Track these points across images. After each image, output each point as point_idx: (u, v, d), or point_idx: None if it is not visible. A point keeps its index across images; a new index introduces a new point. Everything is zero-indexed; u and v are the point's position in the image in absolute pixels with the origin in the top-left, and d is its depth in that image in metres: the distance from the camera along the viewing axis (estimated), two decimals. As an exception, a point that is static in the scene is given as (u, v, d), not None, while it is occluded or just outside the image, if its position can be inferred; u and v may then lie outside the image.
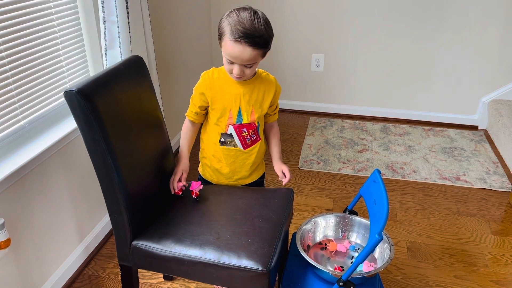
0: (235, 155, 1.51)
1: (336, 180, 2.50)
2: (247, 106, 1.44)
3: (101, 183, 1.26)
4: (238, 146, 1.49)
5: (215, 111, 1.46)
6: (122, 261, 1.36)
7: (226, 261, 1.23)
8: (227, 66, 1.36)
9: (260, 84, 1.45)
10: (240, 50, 1.28)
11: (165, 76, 2.50)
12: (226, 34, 1.29)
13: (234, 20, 1.28)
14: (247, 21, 1.27)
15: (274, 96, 1.49)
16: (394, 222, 2.15)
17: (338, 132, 3.07)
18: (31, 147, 1.52)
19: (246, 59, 1.30)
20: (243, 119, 1.45)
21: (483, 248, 1.98)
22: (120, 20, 1.64)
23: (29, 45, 1.50)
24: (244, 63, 1.32)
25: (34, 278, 1.58)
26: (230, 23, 1.28)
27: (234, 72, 1.35)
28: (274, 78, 1.50)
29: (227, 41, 1.29)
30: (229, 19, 1.29)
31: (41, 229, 1.59)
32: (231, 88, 1.43)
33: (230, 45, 1.29)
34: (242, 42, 1.27)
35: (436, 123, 3.19)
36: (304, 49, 3.20)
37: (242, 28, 1.26)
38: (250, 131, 1.47)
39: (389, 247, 1.34)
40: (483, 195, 2.37)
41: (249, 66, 1.34)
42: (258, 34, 1.28)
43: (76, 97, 1.13)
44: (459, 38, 2.92)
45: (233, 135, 1.47)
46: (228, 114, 1.44)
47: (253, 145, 1.51)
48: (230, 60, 1.32)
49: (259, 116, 1.47)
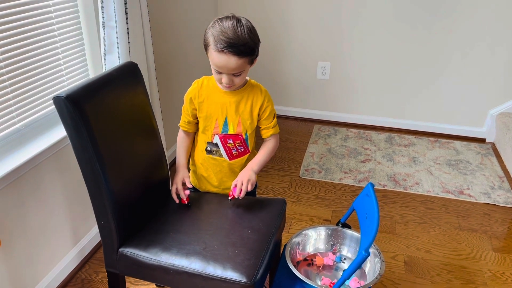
0: (221, 165, 1.50)
1: (337, 190, 2.47)
2: (233, 116, 1.43)
3: (89, 189, 1.26)
4: (223, 156, 1.48)
5: (201, 119, 1.46)
6: (109, 267, 1.35)
7: (211, 272, 1.22)
8: (216, 76, 1.36)
9: (248, 94, 1.44)
10: (225, 60, 1.28)
11: (166, 83, 2.50)
12: (211, 45, 1.29)
13: (217, 30, 1.28)
14: (230, 30, 1.27)
15: (261, 108, 1.45)
16: (393, 235, 2.11)
17: (342, 141, 3.04)
18: (26, 149, 1.53)
19: (232, 68, 1.30)
20: (229, 129, 1.44)
21: (482, 265, 1.93)
22: (118, 26, 1.65)
23: (27, 49, 1.51)
24: (231, 72, 1.31)
25: (26, 280, 1.59)
26: (213, 33, 1.28)
27: (224, 82, 1.34)
28: (266, 90, 1.48)
29: (212, 52, 1.29)
30: (212, 29, 1.29)
31: (34, 232, 1.59)
32: (219, 97, 1.43)
33: (215, 56, 1.28)
34: (226, 52, 1.26)
35: (442, 135, 3.14)
36: (310, 57, 3.18)
37: (225, 38, 1.26)
38: (237, 142, 1.46)
39: (380, 263, 1.32)
40: (486, 210, 2.32)
41: (237, 74, 1.33)
42: (241, 42, 1.27)
43: (65, 102, 1.14)
44: (468, 49, 2.88)
45: (218, 144, 1.46)
46: (214, 123, 1.44)
47: (240, 157, 1.49)
48: (218, 70, 1.32)
49: (246, 128, 1.45)
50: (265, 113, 1.47)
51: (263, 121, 1.49)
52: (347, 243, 1.44)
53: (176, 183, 1.48)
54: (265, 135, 1.52)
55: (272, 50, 3.21)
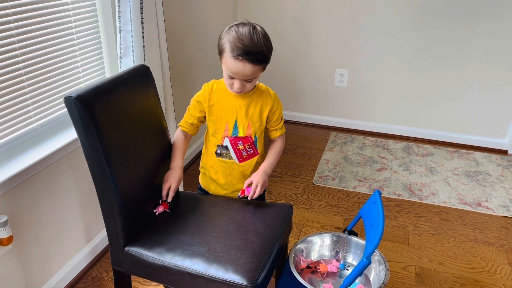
0: (230, 168, 1.51)
1: (350, 198, 2.45)
2: (243, 119, 1.45)
3: (97, 188, 1.28)
4: (233, 159, 1.49)
5: (211, 122, 1.47)
6: (116, 266, 1.38)
7: (213, 273, 1.23)
8: (228, 80, 1.37)
9: (258, 97, 1.45)
10: (241, 67, 1.29)
11: (181, 86, 2.53)
12: (226, 51, 1.30)
13: (233, 36, 1.29)
14: (246, 38, 1.28)
15: (271, 111, 1.48)
16: (405, 245, 2.07)
17: (358, 149, 3.01)
18: (41, 148, 1.58)
19: (247, 74, 1.32)
20: (239, 132, 1.45)
21: (497, 279, 1.88)
22: (134, 30, 1.69)
23: (46, 51, 1.56)
24: (245, 78, 1.33)
25: (37, 276, 1.63)
26: (230, 40, 1.29)
27: (235, 87, 1.35)
28: (274, 93, 1.50)
29: (227, 58, 1.30)
30: (228, 35, 1.30)
31: (47, 229, 1.64)
32: (229, 100, 1.44)
33: (231, 62, 1.30)
34: (242, 60, 1.28)
35: (462, 145, 3.07)
36: (328, 64, 3.17)
37: (241, 45, 1.27)
38: (246, 144, 1.47)
39: (385, 271, 1.30)
40: (504, 223, 2.25)
41: (249, 80, 1.35)
42: (257, 50, 1.28)
43: (75, 102, 1.17)
44: (490, 57, 2.82)
45: (228, 147, 1.47)
46: (224, 126, 1.45)
47: (250, 159, 1.50)
48: (231, 76, 1.33)
49: (255, 130, 1.47)
50: (275, 116, 1.50)
51: (272, 123, 1.51)
52: (352, 250, 1.43)
53: (172, 182, 1.44)
54: (274, 136, 1.55)
55: (290, 56, 3.22)
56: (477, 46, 2.81)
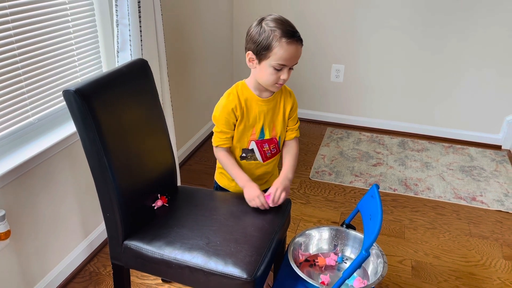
0: (255, 168, 1.52)
1: (346, 193, 2.46)
2: (270, 122, 1.46)
3: (96, 182, 1.28)
4: (258, 160, 1.50)
5: (239, 129, 1.44)
6: (114, 260, 1.38)
7: (213, 267, 1.23)
8: (274, 75, 1.32)
9: (280, 98, 1.46)
10: (294, 49, 1.29)
11: (178, 81, 2.53)
12: (278, 39, 1.27)
13: (276, 24, 1.28)
14: (286, 20, 1.30)
15: (292, 108, 1.48)
16: (401, 239, 2.09)
17: (354, 144, 3.02)
18: (38, 143, 1.57)
19: (298, 56, 1.33)
20: (265, 135, 1.46)
21: (492, 272, 1.90)
22: (131, 24, 1.68)
23: (42, 44, 1.55)
24: (295, 62, 1.33)
25: (35, 270, 1.63)
26: (276, 28, 1.27)
27: (283, 78, 1.33)
28: (291, 90, 1.51)
29: (280, 48, 1.27)
30: (268, 27, 1.28)
31: (44, 224, 1.63)
32: (257, 106, 1.43)
33: (285, 49, 1.27)
34: (296, 40, 1.29)
35: (457, 141, 3.09)
36: (325, 59, 3.18)
37: (290, 28, 1.29)
38: (271, 145, 1.49)
39: (383, 264, 1.31)
40: (499, 217, 2.28)
41: (292, 68, 1.34)
42: (296, 29, 1.31)
43: (74, 96, 1.16)
44: (485, 53, 2.83)
45: (254, 150, 1.48)
46: (252, 131, 1.45)
47: (273, 157, 1.53)
48: (280, 66, 1.30)
49: (280, 131, 1.48)
50: (293, 114, 1.51)
51: (290, 121, 1.51)
52: (351, 244, 1.44)
53: (259, 194, 1.38)
54: (289, 137, 1.53)
55: (286, 52, 3.21)
56: (473, 42, 2.82)
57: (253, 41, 1.31)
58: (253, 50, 1.32)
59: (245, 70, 3.49)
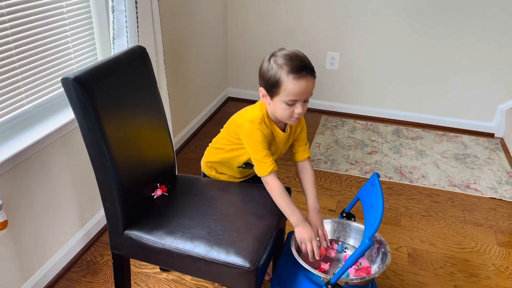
0: (247, 172, 1.56)
1: (342, 181, 2.47)
2: (283, 148, 1.47)
3: (95, 171, 1.26)
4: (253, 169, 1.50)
5: None
6: (114, 249, 1.37)
7: (215, 256, 1.23)
8: (287, 110, 1.29)
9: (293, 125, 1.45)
10: (305, 84, 1.26)
11: (176, 69, 2.50)
12: (285, 75, 1.24)
13: (285, 59, 1.25)
14: (295, 55, 1.27)
15: (301, 130, 1.48)
16: (397, 227, 2.11)
17: (349, 132, 3.03)
18: (34, 131, 1.54)
19: (310, 90, 1.29)
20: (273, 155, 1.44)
21: (486, 259, 1.93)
22: (128, 10, 1.65)
23: (37, 31, 1.52)
24: (307, 96, 1.29)
25: (32, 261, 1.61)
26: (284, 63, 1.25)
27: (298, 112, 1.29)
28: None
29: (288, 84, 1.25)
30: (276, 63, 1.26)
31: (41, 213, 1.61)
32: (278, 135, 1.42)
33: (294, 84, 1.24)
34: (305, 75, 1.25)
35: (451, 129, 3.11)
36: (319, 47, 3.16)
37: (299, 62, 1.25)
38: None
39: (386, 254, 1.31)
40: (492, 205, 2.31)
41: (307, 100, 1.32)
42: (309, 62, 1.28)
43: (73, 84, 1.14)
44: (479, 42, 2.84)
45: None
46: None
47: None
48: (292, 101, 1.27)
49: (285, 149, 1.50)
50: (303, 134, 1.50)
51: (300, 142, 1.49)
52: (353, 236, 1.44)
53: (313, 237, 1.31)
54: (302, 158, 1.49)
55: (280, 38, 3.19)
56: (467, 30, 2.82)
57: (263, 77, 1.30)
58: (264, 87, 1.32)
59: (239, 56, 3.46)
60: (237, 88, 3.47)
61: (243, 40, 3.27)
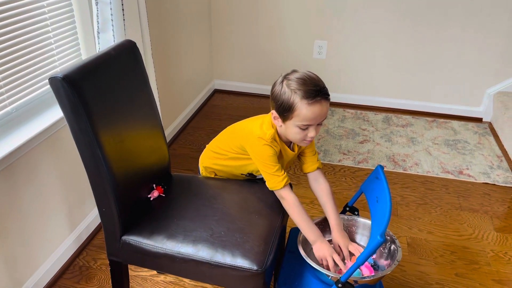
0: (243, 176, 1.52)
1: (336, 171, 2.44)
2: (290, 162, 1.43)
3: (89, 175, 1.19)
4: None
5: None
6: (112, 256, 1.30)
7: (220, 259, 1.17)
8: (300, 134, 1.25)
9: None
10: (319, 108, 1.20)
11: (163, 63, 2.41)
12: (299, 100, 1.19)
13: (298, 83, 1.20)
14: (309, 78, 1.21)
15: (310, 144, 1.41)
16: (395, 216, 2.09)
17: (339, 122, 2.99)
18: (18, 134, 1.45)
19: (324, 114, 1.24)
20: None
21: (485, 245, 1.93)
22: (113, 1, 1.56)
23: (15, 27, 1.42)
24: (321, 120, 1.24)
25: (22, 269, 1.53)
26: (298, 89, 1.19)
27: (311, 135, 1.25)
28: None
29: (302, 109, 1.20)
30: (289, 88, 1.21)
31: (29, 219, 1.53)
32: (286, 154, 1.38)
33: (308, 110, 1.20)
34: (320, 100, 1.20)
35: (439, 115, 3.11)
36: (307, 35, 3.10)
37: (313, 87, 1.19)
38: None
39: (397, 249, 1.28)
40: (486, 190, 2.31)
41: (320, 123, 1.26)
42: (323, 85, 1.22)
43: (62, 83, 1.06)
44: (465, 27, 2.83)
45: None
46: None
47: None
48: (306, 126, 1.23)
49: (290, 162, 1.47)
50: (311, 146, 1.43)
51: (309, 152, 1.43)
52: (360, 232, 1.40)
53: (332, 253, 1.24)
54: (312, 168, 1.43)
55: (268, 28, 3.12)
56: (453, 16, 2.81)
57: (275, 101, 1.25)
58: (276, 110, 1.26)
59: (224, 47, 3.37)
60: (224, 80, 3.39)
61: (228, 30, 3.19)
